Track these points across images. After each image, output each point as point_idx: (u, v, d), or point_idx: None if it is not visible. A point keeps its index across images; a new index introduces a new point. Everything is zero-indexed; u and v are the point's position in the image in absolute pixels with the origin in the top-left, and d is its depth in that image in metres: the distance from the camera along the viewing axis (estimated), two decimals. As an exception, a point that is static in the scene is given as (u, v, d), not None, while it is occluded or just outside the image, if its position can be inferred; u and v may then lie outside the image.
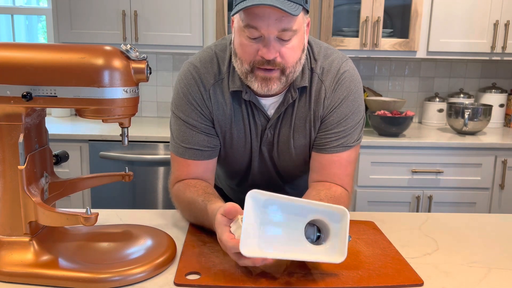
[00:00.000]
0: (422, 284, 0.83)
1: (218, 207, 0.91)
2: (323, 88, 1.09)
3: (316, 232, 0.86)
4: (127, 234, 0.96)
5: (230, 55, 1.09)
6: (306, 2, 0.98)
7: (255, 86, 1.01)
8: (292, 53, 0.99)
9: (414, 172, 2.39)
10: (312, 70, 1.10)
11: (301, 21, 0.98)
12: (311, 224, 0.85)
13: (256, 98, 1.09)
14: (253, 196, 0.79)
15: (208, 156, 1.13)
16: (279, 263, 0.88)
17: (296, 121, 1.11)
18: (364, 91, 2.84)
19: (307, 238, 0.84)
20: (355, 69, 1.13)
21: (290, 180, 1.25)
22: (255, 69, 0.99)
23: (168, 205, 2.44)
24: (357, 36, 2.53)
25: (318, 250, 0.83)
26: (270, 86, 1.00)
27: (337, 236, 0.84)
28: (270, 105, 1.11)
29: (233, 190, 1.36)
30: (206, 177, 1.14)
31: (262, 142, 1.14)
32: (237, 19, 0.99)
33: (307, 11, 1.01)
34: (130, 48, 0.81)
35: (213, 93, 1.09)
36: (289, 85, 1.08)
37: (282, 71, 0.99)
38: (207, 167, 1.14)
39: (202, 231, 1.03)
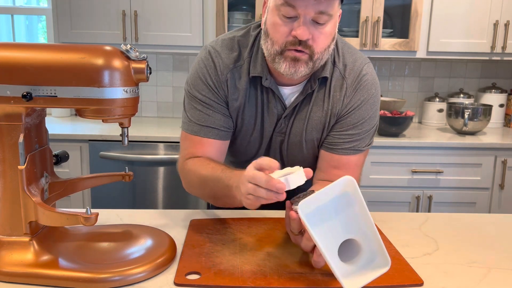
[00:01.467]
0: (422, 284, 0.83)
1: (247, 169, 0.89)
2: (344, 85, 1.09)
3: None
4: (127, 234, 0.96)
5: (254, 41, 1.10)
6: None
7: (283, 67, 0.99)
8: (324, 39, 0.98)
9: (414, 172, 2.39)
10: (334, 64, 1.10)
11: (336, 9, 0.98)
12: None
13: (276, 85, 1.08)
14: (345, 189, 0.79)
15: (223, 136, 1.11)
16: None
17: (311, 113, 1.11)
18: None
19: None
20: (375, 73, 1.13)
21: None
22: (285, 51, 0.98)
23: (168, 205, 2.44)
24: (357, 36, 2.53)
25: (338, 264, 0.79)
26: (298, 67, 0.99)
27: (361, 271, 0.81)
28: (289, 94, 1.10)
29: None
30: (219, 161, 1.11)
31: (275, 132, 1.14)
32: None
33: (341, 2, 1.00)
34: (130, 48, 0.81)
35: (230, 77, 1.09)
36: (310, 76, 1.07)
37: (311, 56, 0.99)
38: (221, 149, 1.12)
39: (202, 231, 1.03)
